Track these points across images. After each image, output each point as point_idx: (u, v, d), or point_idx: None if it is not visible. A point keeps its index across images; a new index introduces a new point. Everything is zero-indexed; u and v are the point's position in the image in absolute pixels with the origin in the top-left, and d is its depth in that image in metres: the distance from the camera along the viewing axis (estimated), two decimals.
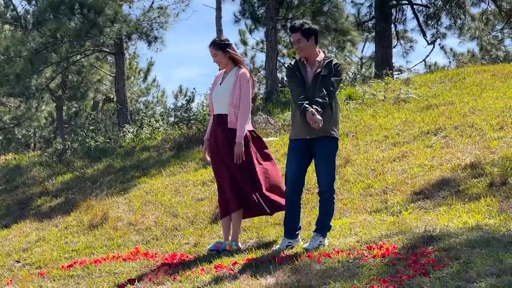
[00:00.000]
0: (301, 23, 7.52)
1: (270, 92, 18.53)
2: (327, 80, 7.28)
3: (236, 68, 7.89)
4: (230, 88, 7.76)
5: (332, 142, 7.33)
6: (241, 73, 7.79)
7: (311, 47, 7.46)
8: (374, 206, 8.93)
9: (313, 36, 7.46)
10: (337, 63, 7.42)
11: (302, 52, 7.46)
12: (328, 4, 20.22)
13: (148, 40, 20.85)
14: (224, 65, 7.89)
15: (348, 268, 6.20)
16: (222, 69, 7.95)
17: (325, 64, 7.36)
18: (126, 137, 17.82)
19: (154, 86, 40.79)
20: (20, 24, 24.59)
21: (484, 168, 9.32)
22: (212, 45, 7.93)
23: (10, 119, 30.45)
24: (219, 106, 7.82)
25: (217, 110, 7.83)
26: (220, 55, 7.87)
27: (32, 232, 10.90)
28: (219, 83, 7.87)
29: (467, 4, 26.13)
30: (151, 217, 10.34)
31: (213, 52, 7.90)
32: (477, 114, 12.16)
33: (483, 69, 17.21)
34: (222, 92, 7.80)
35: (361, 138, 12.33)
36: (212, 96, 7.91)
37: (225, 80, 7.84)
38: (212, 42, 7.95)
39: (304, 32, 7.42)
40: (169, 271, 7.08)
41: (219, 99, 7.81)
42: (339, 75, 7.39)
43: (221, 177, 7.81)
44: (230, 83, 7.79)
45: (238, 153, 7.62)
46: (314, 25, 7.64)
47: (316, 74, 7.34)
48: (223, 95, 7.78)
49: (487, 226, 7.00)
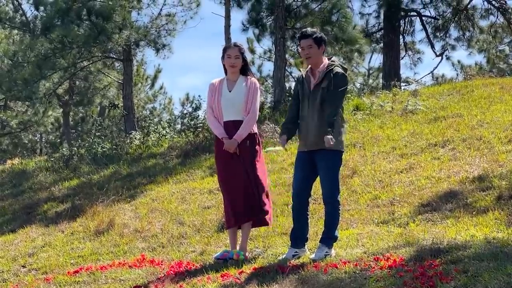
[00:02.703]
0: (313, 30, 7.54)
1: (278, 101, 18.52)
2: (328, 92, 7.26)
3: (243, 76, 7.89)
4: (243, 95, 7.77)
5: (333, 154, 7.30)
6: (254, 81, 7.87)
7: (320, 55, 7.46)
8: (381, 217, 8.91)
9: (323, 44, 7.48)
10: (337, 72, 7.32)
11: (311, 58, 7.47)
12: (337, 14, 20.20)
13: (156, 47, 20.87)
14: (238, 71, 7.88)
15: (355, 279, 6.18)
16: (233, 75, 7.90)
17: (325, 74, 7.34)
18: (132, 143, 17.82)
19: (161, 93, 40.85)
20: (29, 30, 24.65)
21: (492, 181, 9.30)
22: (238, 47, 7.88)
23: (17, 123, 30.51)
24: (231, 112, 7.78)
25: (229, 117, 7.79)
26: (240, 60, 7.86)
27: (38, 237, 10.89)
28: (228, 90, 7.85)
29: (476, 17, 26.10)
30: (158, 225, 10.33)
31: (237, 54, 7.85)
32: (485, 127, 12.13)
33: (491, 82, 17.18)
34: (235, 98, 7.77)
35: (368, 149, 12.32)
36: (221, 103, 7.83)
37: (236, 87, 7.81)
38: (240, 45, 7.91)
39: (316, 39, 7.42)
40: (175, 279, 7.07)
41: (231, 105, 7.76)
42: (339, 85, 7.27)
43: (234, 186, 7.70)
44: (242, 90, 7.79)
45: (229, 148, 7.66)
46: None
47: (316, 86, 7.35)
48: (236, 102, 7.75)
49: (495, 240, 6.98)
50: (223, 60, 7.94)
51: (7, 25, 25.89)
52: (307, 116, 7.39)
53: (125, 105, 21.47)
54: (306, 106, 7.42)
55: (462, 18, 25.72)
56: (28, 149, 34.80)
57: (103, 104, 33.36)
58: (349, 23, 20.32)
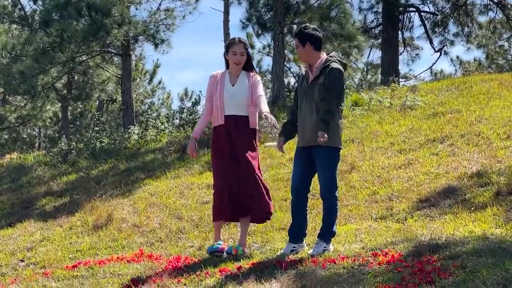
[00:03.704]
0: (299, 29, 7.49)
1: (277, 96, 18.51)
2: (325, 89, 7.24)
3: (245, 71, 7.88)
4: (246, 90, 7.76)
5: (330, 150, 7.27)
6: (257, 76, 7.91)
7: (309, 53, 7.41)
8: (379, 212, 8.92)
9: (309, 42, 7.38)
10: (332, 67, 7.27)
11: (301, 57, 7.53)
12: (336, 9, 20.18)
13: (154, 42, 20.82)
14: (241, 67, 7.88)
15: (353, 274, 6.19)
16: (236, 70, 7.87)
17: (321, 70, 7.32)
18: (131, 138, 17.80)
19: (159, 88, 40.82)
20: (27, 24, 24.61)
21: (490, 177, 9.30)
22: (243, 43, 7.86)
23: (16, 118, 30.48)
24: (234, 107, 7.75)
25: (232, 111, 7.76)
26: (245, 57, 7.85)
27: (36, 231, 10.89)
28: (231, 84, 7.83)
29: (475, 12, 26.11)
30: (156, 219, 10.33)
31: (242, 51, 7.81)
32: (484, 123, 12.14)
33: (490, 77, 17.18)
34: (238, 93, 7.76)
35: (367, 145, 12.32)
36: (223, 97, 7.78)
37: (239, 82, 7.80)
38: (245, 41, 7.90)
39: (300, 38, 7.40)
40: (173, 273, 7.07)
41: (235, 100, 7.74)
42: (334, 81, 7.22)
43: (232, 180, 7.67)
44: (245, 85, 7.78)
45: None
46: (315, 30, 7.48)
47: (313, 81, 7.34)
48: (240, 96, 7.74)
49: (493, 236, 6.98)
50: (226, 55, 7.89)
51: (6, 19, 25.85)
52: (304, 112, 7.39)
53: (124, 100, 21.44)
54: (303, 102, 7.41)
55: (461, 13, 25.72)
56: (26, 143, 34.78)
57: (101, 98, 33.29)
58: (348, 19, 20.31)
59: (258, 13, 20.93)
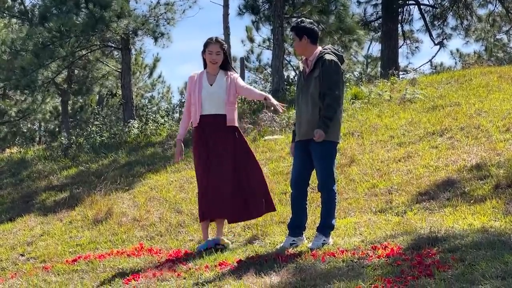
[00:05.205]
0: (296, 22, 7.54)
1: (276, 90, 18.52)
2: (321, 82, 7.23)
3: (223, 71, 7.98)
4: (225, 88, 7.87)
5: (326, 145, 7.24)
6: (234, 74, 8.04)
7: (306, 46, 7.43)
8: (379, 206, 8.93)
9: (306, 35, 7.40)
10: (325, 59, 7.24)
11: (297, 51, 7.65)
12: (335, 2, 20.17)
13: (154, 36, 20.80)
14: (218, 66, 7.95)
15: (352, 267, 6.20)
16: (213, 70, 7.94)
17: (315, 63, 7.32)
18: (131, 132, 17.81)
19: (159, 82, 40.85)
20: (27, 18, 24.58)
21: (490, 170, 9.31)
22: (219, 43, 7.93)
23: (16, 112, 30.49)
24: (212, 106, 7.85)
25: (210, 110, 7.85)
26: (221, 57, 7.91)
27: (36, 226, 10.90)
28: (209, 84, 7.88)
29: (474, 5, 26.08)
30: (156, 213, 10.34)
31: (218, 50, 7.91)
32: (483, 116, 12.14)
33: (489, 70, 17.16)
34: (216, 93, 7.85)
35: (366, 138, 12.32)
36: (201, 96, 7.87)
37: (217, 82, 7.91)
38: (221, 40, 7.96)
39: (296, 31, 7.44)
40: (173, 267, 7.09)
41: (213, 99, 7.84)
42: (328, 73, 7.19)
43: (219, 179, 7.76)
44: (223, 84, 7.89)
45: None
46: (312, 23, 7.51)
47: (308, 75, 7.35)
48: (217, 96, 7.84)
49: (492, 228, 6.99)
50: (203, 55, 8.01)
51: (6, 14, 25.84)
52: (301, 106, 7.40)
53: (124, 94, 21.44)
54: (300, 97, 7.43)
55: (460, 6, 25.69)
56: (26, 138, 34.75)
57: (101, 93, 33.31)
58: (347, 12, 20.31)
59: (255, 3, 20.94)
